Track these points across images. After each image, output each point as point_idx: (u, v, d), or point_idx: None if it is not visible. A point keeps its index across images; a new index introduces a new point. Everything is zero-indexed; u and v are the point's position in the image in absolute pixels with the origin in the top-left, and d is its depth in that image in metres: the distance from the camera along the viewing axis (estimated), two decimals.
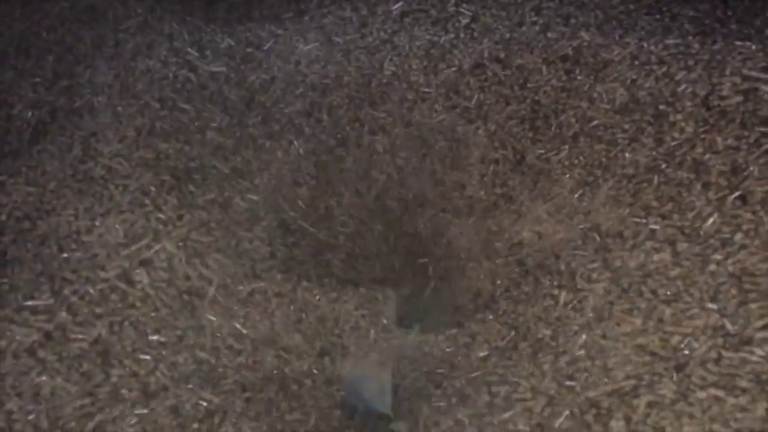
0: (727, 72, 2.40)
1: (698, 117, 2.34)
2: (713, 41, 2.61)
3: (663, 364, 1.82)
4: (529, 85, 2.80)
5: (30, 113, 2.91)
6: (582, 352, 2.00)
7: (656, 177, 2.27)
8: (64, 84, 3.01)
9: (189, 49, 3.15)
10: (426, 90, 2.94)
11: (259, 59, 3.16)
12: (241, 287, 2.37)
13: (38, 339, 1.94)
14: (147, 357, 2.04)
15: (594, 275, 2.17)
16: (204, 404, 2.05)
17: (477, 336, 2.39)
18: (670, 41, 2.65)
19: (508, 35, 2.99)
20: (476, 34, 3.06)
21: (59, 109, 2.90)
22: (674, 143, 2.31)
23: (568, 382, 1.95)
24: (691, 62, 2.53)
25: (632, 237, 2.18)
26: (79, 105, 2.89)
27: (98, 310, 2.06)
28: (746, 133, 2.18)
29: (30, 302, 2.03)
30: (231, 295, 2.35)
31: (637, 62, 2.58)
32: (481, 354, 2.28)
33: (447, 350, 2.40)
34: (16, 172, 2.54)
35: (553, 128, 2.68)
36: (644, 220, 2.18)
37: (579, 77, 2.68)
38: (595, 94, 2.62)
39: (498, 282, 2.61)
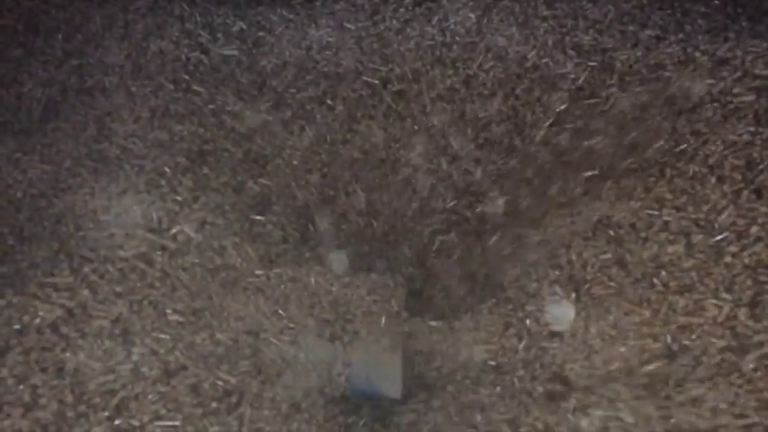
0: (739, 71, 2.45)
1: (711, 113, 2.39)
2: (725, 39, 2.66)
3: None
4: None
5: (40, 92, 2.89)
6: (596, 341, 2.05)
7: (669, 171, 2.31)
8: (74, 63, 2.99)
9: (200, 32, 3.14)
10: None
11: (271, 44, 3.15)
12: (257, 270, 2.38)
13: (61, 315, 1.94)
14: (167, 337, 2.05)
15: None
16: (221, 384, 2.07)
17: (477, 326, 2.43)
18: (680, 39, 2.70)
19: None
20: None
21: (70, 88, 2.88)
22: (689, 139, 2.35)
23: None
24: (703, 59, 2.58)
25: (645, 228, 2.22)
26: (90, 85, 2.87)
27: (118, 289, 2.07)
28: (760, 129, 2.22)
29: (51, 279, 2.03)
30: (246, 278, 2.36)
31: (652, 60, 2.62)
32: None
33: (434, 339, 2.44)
34: (31, 149, 2.53)
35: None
36: (657, 212, 2.22)
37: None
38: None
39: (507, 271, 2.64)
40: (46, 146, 2.54)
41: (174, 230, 2.26)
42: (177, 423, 1.89)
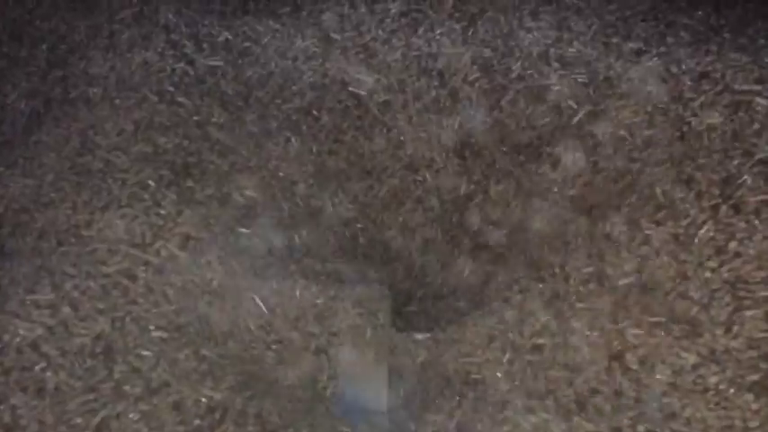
0: (720, 85, 2.47)
1: (690, 126, 2.41)
2: (707, 52, 2.68)
3: None
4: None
5: (23, 103, 2.88)
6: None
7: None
8: (58, 74, 2.98)
9: (186, 42, 3.13)
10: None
11: (256, 54, 3.15)
12: (241, 284, 2.38)
13: (41, 334, 1.93)
14: (149, 353, 2.05)
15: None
16: (205, 400, 2.06)
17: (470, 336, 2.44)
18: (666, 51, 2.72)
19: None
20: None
21: (54, 99, 2.87)
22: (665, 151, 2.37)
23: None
24: (684, 74, 2.61)
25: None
26: (74, 96, 2.86)
27: (100, 306, 2.06)
28: (737, 144, 2.24)
29: (31, 297, 2.02)
30: (231, 292, 2.36)
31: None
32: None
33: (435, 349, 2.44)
34: (12, 163, 2.52)
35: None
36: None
37: None
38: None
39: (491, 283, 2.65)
40: (28, 159, 2.53)
41: (157, 245, 2.25)
42: None
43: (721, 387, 1.80)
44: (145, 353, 2.04)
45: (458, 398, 2.20)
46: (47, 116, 2.74)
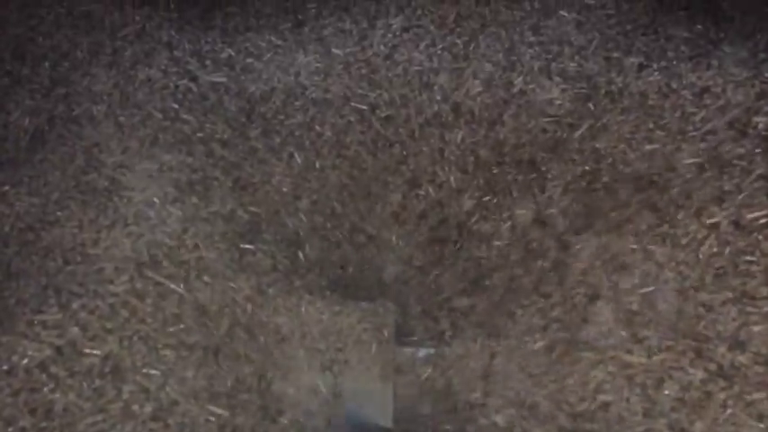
0: (722, 100, 2.49)
1: (689, 143, 2.43)
2: (707, 66, 2.70)
3: None
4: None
5: (27, 120, 2.88)
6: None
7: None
8: (61, 91, 2.98)
9: (189, 59, 3.15)
10: None
11: (259, 70, 3.17)
12: (247, 302, 2.38)
13: (50, 355, 1.93)
14: (158, 373, 2.05)
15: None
16: (214, 419, 2.06)
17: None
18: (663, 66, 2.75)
19: None
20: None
21: (57, 117, 2.88)
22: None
23: None
24: (685, 88, 2.63)
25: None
26: (78, 114, 2.87)
27: (108, 325, 2.06)
28: (736, 161, 2.26)
29: (39, 317, 2.02)
30: (237, 310, 2.36)
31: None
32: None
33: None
34: (18, 182, 2.52)
35: None
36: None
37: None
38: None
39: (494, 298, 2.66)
40: (33, 177, 2.53)
41: (164, 263, 2.26)
42: None
43: (729, 403, 1.81)
44: (153, 372, 2.04)
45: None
46: (51, 134, 2.74)
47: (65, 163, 2.58)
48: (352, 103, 3.03)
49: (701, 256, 2.09)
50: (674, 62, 2.75)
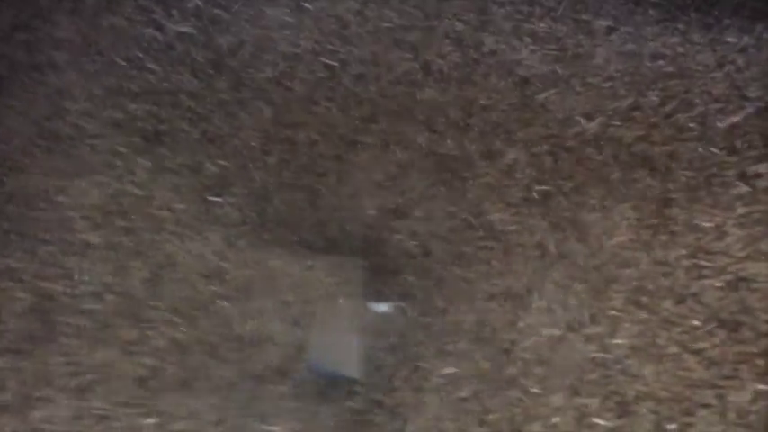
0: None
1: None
2: (673, 31, 2.76)
3: None
4: None
5: None
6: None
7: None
8: (22, 37, 2.89)
9: (155, 8, 3.07)
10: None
11: (227, 21, 3.11)
12: (217, 255, 2.38)
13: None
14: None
15: None
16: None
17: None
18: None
19: None
20: None
21: (18, 63, 2.80)
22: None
23: None
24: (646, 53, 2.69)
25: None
26: (40, 61, 2.79)
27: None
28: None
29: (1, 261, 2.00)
30: (206, 263, 2.36)
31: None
32: None
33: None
34: None
35: None
36: None
37: None
38: None
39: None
40: None
41: (133, 215, 2.24)
42: None
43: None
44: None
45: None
46: (13, 81, 2.66)
47: (28, 109, 2.52)
48: (322, 59, 3.01)
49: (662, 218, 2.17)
50: (641, 26, 2.80)
